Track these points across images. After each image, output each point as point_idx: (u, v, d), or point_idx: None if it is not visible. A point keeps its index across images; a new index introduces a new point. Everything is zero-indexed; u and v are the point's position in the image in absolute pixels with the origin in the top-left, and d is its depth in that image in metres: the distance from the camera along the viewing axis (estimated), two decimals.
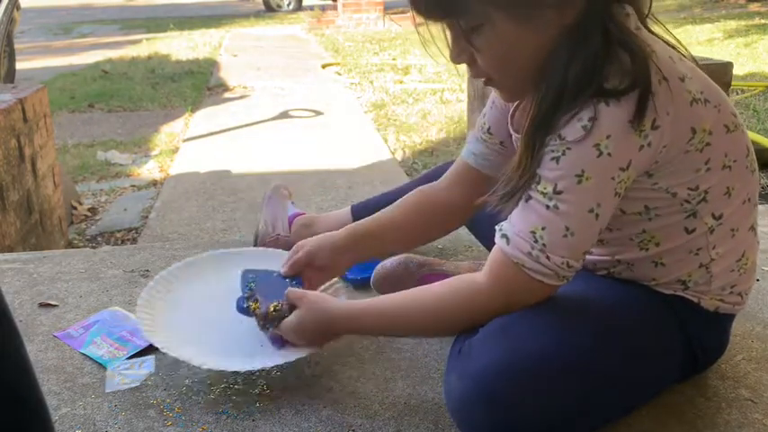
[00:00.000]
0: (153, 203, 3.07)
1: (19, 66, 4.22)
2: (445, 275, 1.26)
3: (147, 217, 2.92)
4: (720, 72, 2.35)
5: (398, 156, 3.66)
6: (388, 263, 1.33)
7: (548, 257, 0.86)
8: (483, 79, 0.96)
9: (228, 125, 4.38)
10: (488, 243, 1.41)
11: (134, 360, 1.18)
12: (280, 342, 1.09)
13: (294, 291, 1.08)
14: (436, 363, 1.15)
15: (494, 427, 0.87)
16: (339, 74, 6.26)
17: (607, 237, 0.99)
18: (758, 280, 1.39)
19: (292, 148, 3.82)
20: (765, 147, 3.14)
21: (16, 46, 3.95)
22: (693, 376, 1.06)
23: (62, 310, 1.37)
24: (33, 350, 1.22)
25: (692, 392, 1.05)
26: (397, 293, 1.02)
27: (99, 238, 2.79)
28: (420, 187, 1.26)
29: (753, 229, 0.99)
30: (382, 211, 1.25)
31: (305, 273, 1.19)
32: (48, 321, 1.33)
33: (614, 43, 0.84)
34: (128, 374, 1.14)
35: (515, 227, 0.89)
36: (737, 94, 4.40)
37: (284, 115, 4.61)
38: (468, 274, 0.97)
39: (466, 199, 1.22)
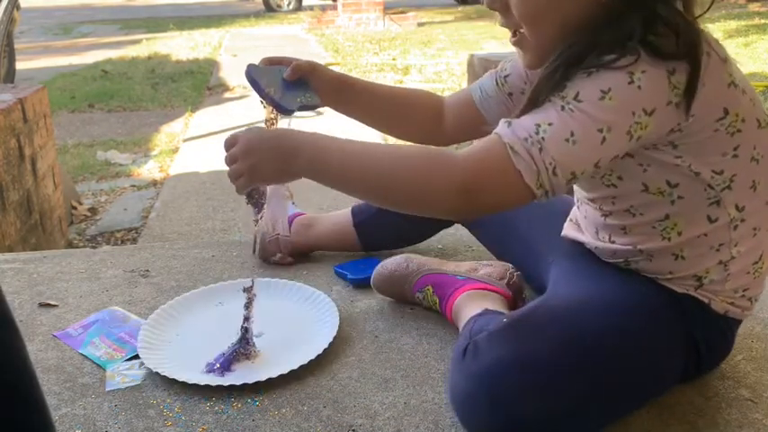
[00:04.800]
0: (153, 203, 3.08)
1: (19, 66, 4.22)
2: (446, 276, 1.26)
3: (147, 217, 2.92)
4: None
5: None
6: (388, 263, 1.33)
7: (540, 150, 0.82)
8: (511, 35, 0.96)
9: (228, 125, 4.38)
10: (489, 244, 1.42)
11: (134, 360, 1.18)
12: (223, 370, 1.11)
13: None
14: (436, 363, 1.15)
15: (498, 426, 0.88)
16: None
17: (630, 223, 0.98)
18: None
19: None
20: None
21: (16, 46, 3.95)
22: (698, 377, 1.06)
23: (62, 310, 1.37)
24: (33, 350, 1.22)
25: (692, 392, 1.05)
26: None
27: (99, 238, 2.79)
28: (432, 93, 1.29)
29: None
30: (387, 86, 1.28)
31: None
32: (48, 321, 1.33)
33: (660, 23, 0.83)
34: (128, 374, 1.14)
35: (522, 119, 0.86)
36: None
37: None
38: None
39: (453, 125, 1.25)
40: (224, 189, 3.16)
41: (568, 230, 1.15)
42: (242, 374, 1.11)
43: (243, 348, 1.15)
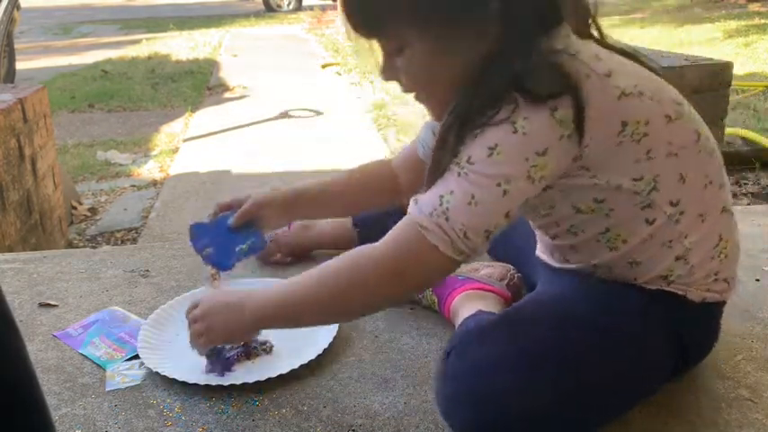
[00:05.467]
0: (153, 203, 3.08)
1: (19, 66, 4.21)
2: None
3: (147, 217, 2.92)
4: (720, 72, 2.35)
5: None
6: None
7: (447, 220, 0.84)
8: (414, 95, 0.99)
9: (228, 125, 4.38)
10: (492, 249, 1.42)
11: (134, 361, 1.18)
12: (220, 370, 1.12)
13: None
14: (436, 363, 1.14)
15: (485, 427, 0.88)
16: (339, 74, 6.26)
17: (576, 241, 1.00)
18: (758, 280, 1.39)
19: (292, 148, 3.82)
20: (765, 147, 3.14)
21: (16, 46, 3.94)
22: (688, 370, 1.06)
23: (62, 310, 1.37)
24: (33, 350, 1.22)
25: (692, 392, 1.05)
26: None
27: (99, 238, 2.79)
28: (376, 161, 1.34)
29: (726, 210, 0.98)
30: (333, 177, 1.34)
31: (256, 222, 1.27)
32: (48, 321, 1.33)
33: (535, 67, 0.84)
34: (128, 374, 1.14)
35: (427, 194, 0.88)
36: (737, 94, 4.40)
37: (284, 115, 4.61)
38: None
39: (408, 184, 1.26)
40: (224, 189, 3.16)
41: (538, 252, 1.15)
42: (242, 374, 1.11)
43: (244, 351, 1.16)
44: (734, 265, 1.01)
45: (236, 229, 1.26)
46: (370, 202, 1.35)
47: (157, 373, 1.12)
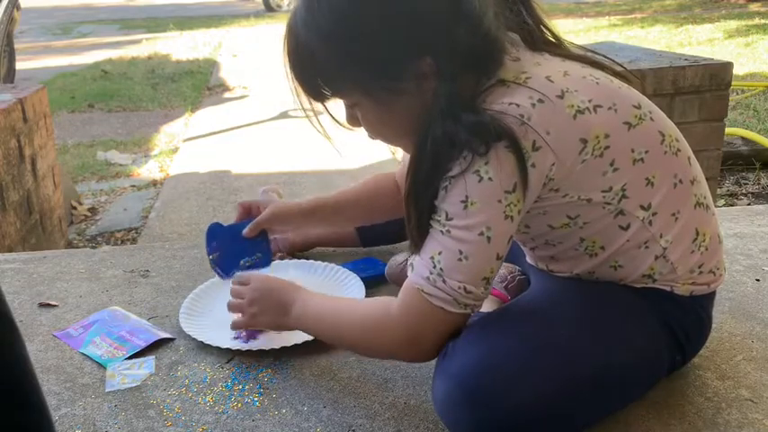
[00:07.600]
0: (153, 203, 3.08)
1: (19, 66, 4.21)
2: None
3: (147, 217, 2.92)
4: (720, 72, 2.35)
5: (398, 156, 3.66)
6: (401, 257, 1.35)
7: (444, 281, 0.87)
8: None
9: (228, 125, 4.38)
10: None
11: (134, 360, 1.18)
12: (248, 337, 1.20)
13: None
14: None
15: (480, 426, 0.88)
16: None
17: (555, 252, 1.01)
18: (758, 280, 1.39)
19: (292, 148, 3.82)
20: (765, 147, 3.14)
21: (16, 46, 3.94)
22: (685, 362, 1.07)
23: (62, 310, 1.37)
24: (33, 350, 1.22)
25: (692, 392, 1.05)
26: (346, 299, 1.18)
27: (99, 238, 2.79)
28: (381, 174, 1.40)
29: (700, 204, 0.98)
30: (342, 191, 1.39)
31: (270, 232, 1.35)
32: (48, 321, 1.33)
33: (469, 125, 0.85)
34: (128, 374, 1.14)
35: (420, 255, 0.91)
36: (737, 94, 4.40)
37: (284, 115, 4.61)
38: (389, 299, 0.97)
39: None
40: (224, 189, 3.16)
41: (527, 258, 1.16)
42: (265, 342, 1.17)
43: None
44: (717, 256, 1.01)
45: (250, 239, 1.32)
46: (377, 213, 1.41)
47: (158, 372, 1.12)
